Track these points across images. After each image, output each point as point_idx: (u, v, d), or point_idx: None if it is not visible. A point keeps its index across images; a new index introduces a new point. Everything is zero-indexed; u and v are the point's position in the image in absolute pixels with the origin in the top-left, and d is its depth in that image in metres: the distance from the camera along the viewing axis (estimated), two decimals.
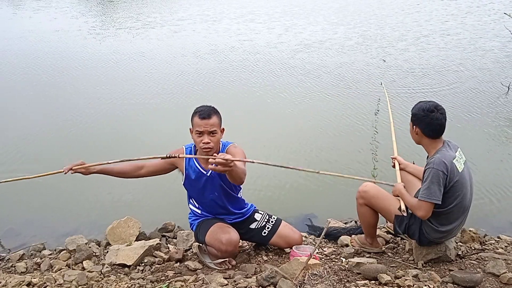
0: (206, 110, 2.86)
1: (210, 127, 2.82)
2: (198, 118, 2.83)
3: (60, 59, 9.02)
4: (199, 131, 2.83)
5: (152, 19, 13.07)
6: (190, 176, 3.02)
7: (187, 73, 8.09)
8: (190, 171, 3.02)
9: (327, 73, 7.94)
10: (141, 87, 7.45)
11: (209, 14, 13.70)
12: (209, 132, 2.83)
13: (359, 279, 2.72)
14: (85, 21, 12.92)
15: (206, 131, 2.82)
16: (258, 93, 7.08)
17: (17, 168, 4.93)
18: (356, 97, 6.85)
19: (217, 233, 2.97)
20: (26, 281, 2.80)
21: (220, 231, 2.97)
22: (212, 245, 3.00)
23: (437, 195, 2.75)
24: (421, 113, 2.87)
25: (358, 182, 3.20)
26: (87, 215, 4.10)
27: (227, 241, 2.92)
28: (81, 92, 7.24)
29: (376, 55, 8.98)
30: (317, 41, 10.13)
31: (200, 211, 3.14)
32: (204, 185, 3.02)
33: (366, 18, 12.35)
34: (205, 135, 2.83)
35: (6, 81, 7.82)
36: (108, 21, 13.18)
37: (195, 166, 3.00)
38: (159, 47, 9.96)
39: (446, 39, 10.04)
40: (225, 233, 2.95)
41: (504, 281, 2.76)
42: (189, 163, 3.01)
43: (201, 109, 2.87)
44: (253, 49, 9.56)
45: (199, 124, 2.82)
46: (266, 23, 12.18)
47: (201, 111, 2.85)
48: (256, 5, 15.11)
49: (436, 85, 7.33)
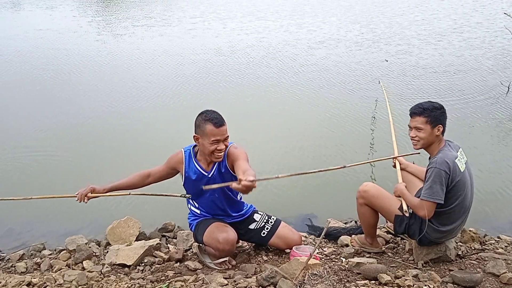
0: (219, 117, 2.81)
1: (225, 133, 2.83)
2: (214, 127, 2.78)
3: (71, 58, 9.03)
4: (216, 139, 2.81)
5: (165, 17, 13.10)
6: (191, 177, 3.01)
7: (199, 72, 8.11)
8: (190, 173, 3.01)
9: (333, 72, 7.95)
10: (169, 85, 7.48)
11: (221, 12, 13.69)
12: (224, 139, 2.84)
13: (359, 279, 2.72)
14: (101, 20, 12.94)
15: (222, 139, 2.82)
16: (263, 92, 7.10)
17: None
18: (357, 96, 6.86)
19: (214, 232, 2.97)
20: (26, 281, 2.80)
21: (217, 230, 2.97)
22: (210, 245, 3.00)
23: (439, 194, 2.75)
24: (440, 110, 2.82)
25: (358, 182, 3.20)
26: (87, 215, 4.10)
27: (224, 240, 2.92)
28: (101, 90, 7.29)
29: (378, 55, 8.97)
30: (329, 39, 10.13)
31: (199, 211, 3.14)
32: (205, 185, 3.00)
33: (366, 18, 12.35)
34: (221, 142, 2.83)
35: (35, 79, 7.80)
36: (123, 19, 13.16)
37: (195, 168, 2.99)
38: (179, 45, 10.07)
39: (446, 39, 10.04)
40: (222, 232, 2.95)
41: (504, 281, 2.77)
42: (189, 166, 3.00)
43: (212, 117, 2.81)
44: (248, 50, 9.56)
45: (216, 133, 2.79)
46: (269, 22, 12.19)
47: (214, 119, 2.79)
48: (261, 3, 15.09)
49: (436, 85, 7.33)
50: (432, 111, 2.82)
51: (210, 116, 2.81)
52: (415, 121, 2.87)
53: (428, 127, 2.82)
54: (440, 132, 2.84)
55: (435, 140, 2.86)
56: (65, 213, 4.12)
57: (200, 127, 2.84)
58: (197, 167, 2.99)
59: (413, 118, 2.89)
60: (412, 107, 2.92)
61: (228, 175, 2.96)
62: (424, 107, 2.84)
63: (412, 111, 2.90)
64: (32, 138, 5.67)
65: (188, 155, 3.01)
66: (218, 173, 2.97)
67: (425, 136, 2.84)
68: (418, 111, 2.85)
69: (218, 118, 2.81)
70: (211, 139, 2.80)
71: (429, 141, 2.86)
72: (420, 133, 2.85)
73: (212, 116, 2.81)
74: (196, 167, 2.99)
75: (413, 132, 2.89)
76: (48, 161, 5.14)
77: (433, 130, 2.83)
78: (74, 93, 7.18)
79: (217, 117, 2.81)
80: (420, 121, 2.84)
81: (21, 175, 4.86)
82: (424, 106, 2.84)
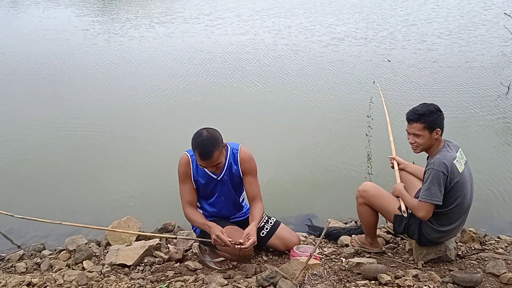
0: (206, 150, 2.71)
1: (214, 163, 2.78)
2: (200, 158, 2.75)
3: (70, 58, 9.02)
4: (204, 166, 2.82)
5: (178, 15, 13.16)
6: (200, 182, 2.98)
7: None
8: (199, 178, 2.97)
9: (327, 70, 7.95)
10: (191, 80, 7.56)
11: (234, 10, 13.72)
12: (215, 165, 2.82)
13: (359, 279, 2.73)
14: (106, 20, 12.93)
15: (210, 166, 2.81)
16: (258, 90, 7.10)
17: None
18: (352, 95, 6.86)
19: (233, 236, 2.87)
20: (26, 281, 2.80)
21: (233, 236, 2.86)
22: (226, 250, 2.94)
23: (437, 195, 2.75)
24: (437, 114, 2.80)
25: (358, 182, 3.20)
26: (87, 215, 4.10)
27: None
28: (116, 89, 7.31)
29: (381, 54, 8.98)
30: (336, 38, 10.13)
31: (202, 212, 3.13)
32: (213, 188, 3.01)
33: (365, 19, 12.35)
34: (210, 167, 2.83)
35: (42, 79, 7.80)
36: (141, 17, 13.16)
37: (204, 171, 2.96)
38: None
39: (446, 39, 10.03)
40: (238, 238, 2.85)
41: (504, 281, 2.77)
42: (197, 171, 2.96)
43: (200, 147, 2.72)
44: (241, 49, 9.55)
45: (202, 163, 2.78)
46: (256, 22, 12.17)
47: (201, 151, 2.72)
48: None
49: (436, 85, 7.32)
50: (428, 116, 2.79)
51: (199, 145, 2.72)
52: (412, 127, 2.85)
53: (426, 132, 2.81)
54: (438, 135, 2.84)
55: (434, 143, 2.86)
56: (65, 213, 4.11)
57: (192, 147, 2.80)
58: (205, 170, 2.94)
59: (410, 124, 2.86)
60: (408, 113, 2.88)
61: (237, 179, 3.00)
62: (420, 112, 2.80)
63: (409, 118, 2.86)
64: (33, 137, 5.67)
65: (195, 159, 2.93)
66: (228, 175, 2.98)
67: (424, 141, 2.84)
68: (414, 118, 2.82)
69: (206, 150, 2.71)
70: (199, 163, 2.82)
71: (428, 145, 2.86)
72: (418, 139, 2.84)
73: (201, 145, 2.72)
74: (205, 170, 2.94)
75: (412, 138, 2.88)
76: (48, 161, 5.14)
77: (432, 135, 2.82)
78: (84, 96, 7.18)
79: (205, 149, 2.71)
80: (417, 128, 2.82)
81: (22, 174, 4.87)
82: (420, 112, 2.80)
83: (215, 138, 2.76)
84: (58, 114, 6.34)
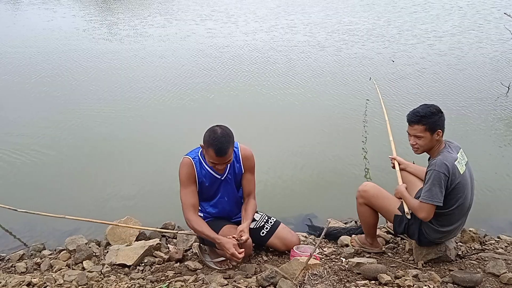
0: (223, 146, 2.70)
1: (226, 159, 2.79)
2: (215, 155, 2.73)
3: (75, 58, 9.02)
4: (215, 163, 2.80)
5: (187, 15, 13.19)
6: (204, 183, 2.98)
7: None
8: (203, 179, 2.97)
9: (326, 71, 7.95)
10: (204, 79, 7.58)
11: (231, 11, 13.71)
12: (225, 162, 2.82)
13: (359, 279, 2.73)
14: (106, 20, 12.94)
15: (221, 163, 2.81)
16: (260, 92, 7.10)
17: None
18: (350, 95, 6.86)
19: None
20: (26, 281, 2.80)
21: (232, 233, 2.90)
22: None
23: (438, 197, 2.75)
24: (438, 115, 2.79)
25: (358, 182, 3.20)
26: (88, 215, 4.09)
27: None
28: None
29: (386, 54, 8.98)
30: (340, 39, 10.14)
31: (202, 214, 3.12)
32: (217, 188, 3.02)
33: (366, 18, 12.36)
34: (220, 164, 2.83)
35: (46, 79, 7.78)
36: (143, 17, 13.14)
37: (209, 172, 2.96)
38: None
39: (446, 39, 10.03)
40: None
41: (504, 281, 2.77)
42: (202, 172, 2.95)
43: (217, 143, 2.70)
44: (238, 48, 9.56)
45: (216, 159, 2.76)
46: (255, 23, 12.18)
47: (217, 147, 2.70)
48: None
49: (436, 85, 7.32)
50: (430, 117, 2.78)
51: (215, 142, 2.71)
52: (413, 129, 2.84)
53: (428, 134, 2.80)
54: (439, 137, 2.84)
55: (435, 144, 2.86)
56: (65, 213, 4.11)
57: (205, 144, 2.78)
58: (210, 171, 2.95)
59: (411, 126, 2.86)
60: (409, 115, 2.87)
61: (240, 177, 3.05)
62: (421, 114, 2.79)
63: (410, 119, 2.86)
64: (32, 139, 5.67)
65: (198, 161, 2.93)
66: (232, 174, 2.99)
67: (425, 143, 2.83)
68: (415, 120, 2.81)
69: (223, 147, 2.70)
70: (210, 161, 2.81)
71: (430, 146, 2.86)
72: (420, 141, 2.84)
73: (217, 142, 2.70)
74: (209, 171, 2.95)
75: (413, 139, 2.87)
76: (48, 162, 5.14)
77: (433, 136, 2.81)
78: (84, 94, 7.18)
79: (221, 146, 2.70)
80: (419, 130, 2.81)
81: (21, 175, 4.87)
82: (421, 113, 2.79)
83: (230, 135, 2.78)
84: (61, 115, 6.33)
